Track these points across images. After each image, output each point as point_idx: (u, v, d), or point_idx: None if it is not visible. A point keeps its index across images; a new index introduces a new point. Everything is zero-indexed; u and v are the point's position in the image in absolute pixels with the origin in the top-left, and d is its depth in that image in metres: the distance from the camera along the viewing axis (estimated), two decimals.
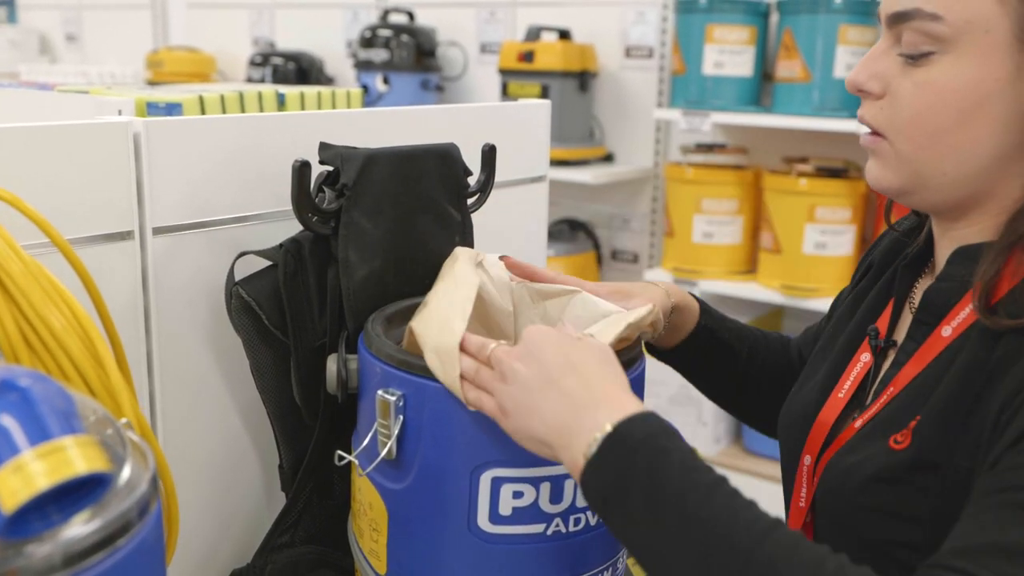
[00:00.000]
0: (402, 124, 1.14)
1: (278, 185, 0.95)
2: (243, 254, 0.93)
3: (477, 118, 1.27)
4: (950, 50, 0.77)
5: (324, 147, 0.94)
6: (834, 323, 1.00)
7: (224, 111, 1.25)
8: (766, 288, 2.85)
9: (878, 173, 0.84)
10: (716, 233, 2.95)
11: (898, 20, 0.79)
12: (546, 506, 0.81)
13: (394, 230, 0.94)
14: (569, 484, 0.82)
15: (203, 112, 1.20)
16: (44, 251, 0.74)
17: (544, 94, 3.10)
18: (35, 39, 4.88)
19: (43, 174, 0.83)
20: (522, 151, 1.32)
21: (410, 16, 3.64)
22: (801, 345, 1.12)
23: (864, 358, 0.91)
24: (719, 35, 2.85)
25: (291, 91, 1.29)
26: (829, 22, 2.67)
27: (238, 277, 0.91)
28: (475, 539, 0.82)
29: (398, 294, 0.95)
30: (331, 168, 0.93)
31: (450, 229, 0.99)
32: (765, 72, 2.95)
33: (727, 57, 2.86)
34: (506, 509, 0.81)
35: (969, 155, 0.78)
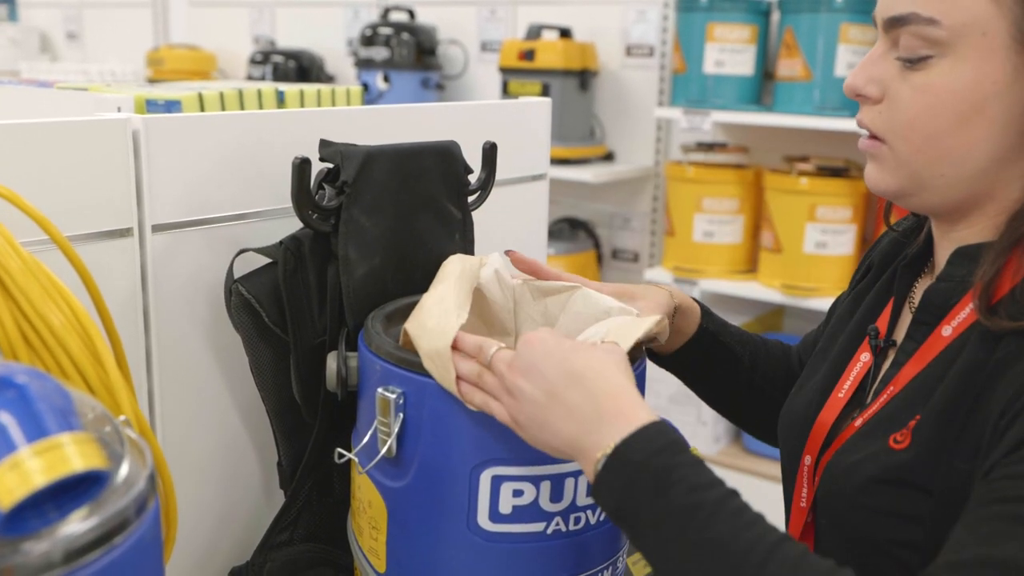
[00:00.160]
0: (402, 122, 1.14)
1: (278, 182, 0.95)
2: (243, 251, 0.93)
3: (477, 116, 1.27)
4: (948, 53, 0.77)
5: (324, 144, 0.94)
6: (834, 323, 1.00)
7: (223, 109, 1.24)
8: (767, 287, 2.85)
9: (877, 176, 0.84)
10: (717, 232, 2.95)
11: (895, 24, 0.79)
12: (546, 505, 0.81)
13: (394, 228, 0.94)
14: (569, 483, 0.82)
15: (202, 109, 1.20)
16: (43, 248, 0.74)
17: (545, 93, 3.10)
18: (36, 37, 4.88)
19: (42, 171, 0.82)
20: (522, 149, 1.32)
21: (411, 14, 3.64)
22: (801, 352, 1.12)
23: (864, 358, 0.91)
24: (720, 34, 2.85)
25: (291, 89, 1.29)
26: (830, 21, 2.67)
27: (238, 274, 0.91)
28: (475, 537, 0.81)
29: (398, 292, 0.95)
30: (331, 165, 0.93)
31: (450, 227, 0.99)
32: (766, 71, 2.94)
33: (728, 56, 2.86)
34: (506, 507, 0.81)
35: (968, 157, 0.78)
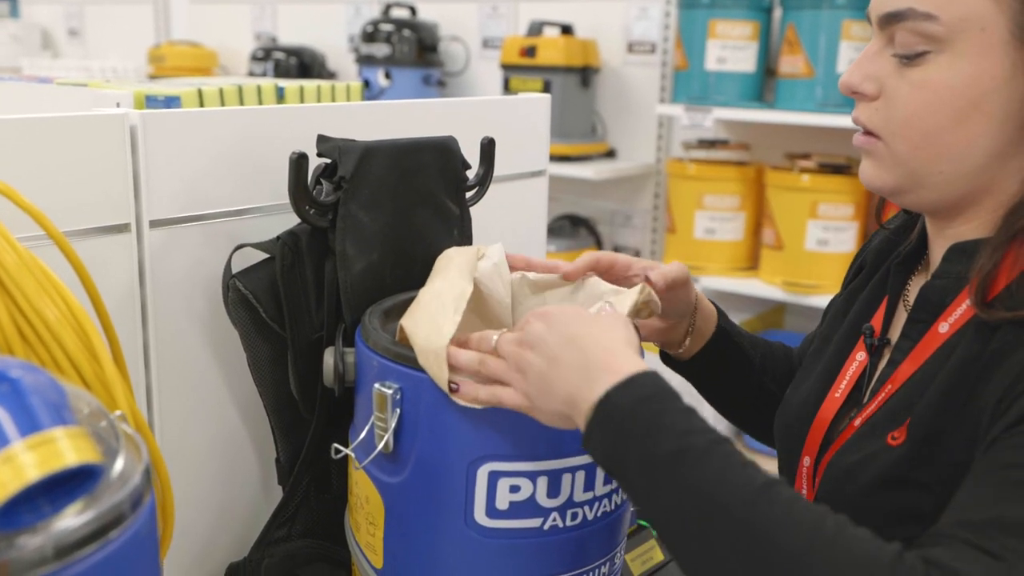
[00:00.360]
0: (401, 117, 1.14)
1: (276, 178, 0.95)
2: (240, 247, 0.93)
3: (477, 112, 1.27)
4: (945, 49, 0.76)
5: (322, 139, 0.93)
6: (828, 323, 0.99)
7: (223, 105, 1.24)
8: (768, 284, 2.84)
9: (873, 173, 0.84)
10: (718, 229, 2.95)
11: (891, 21, 0.79)
12: (543, 500, 0.81)
13: (392, 223, 0.94)
14: (567, 478, 0.82)
15: (201, 105, 1.19)
16: (39, 243, 0.74)
17: (546, 89, 3.10)
18: (37, 34, 4.88)
19: (39, 166, 0.82)
20: (522, 145, 1.32)
21: (412, 11, 3.64)
22: (801, 354, 1.12)
23: (859, 357, 0.90)
24: (722, 30, 2.84)
25: (290, 85, 1.28)
26: (832, 18, 2.66)
27: (235, 270, 0.91)
28: (472, 533, 0.81)
29: (396, 287, 0.95)
30: (329, 160, 0.93)
31: (448, 222, 0.99)
32: (768, 68, 2.94)
33: (730, 53, 2.85)
34: (503, 503, 0.81)
35: (965, 153, 0.78)
